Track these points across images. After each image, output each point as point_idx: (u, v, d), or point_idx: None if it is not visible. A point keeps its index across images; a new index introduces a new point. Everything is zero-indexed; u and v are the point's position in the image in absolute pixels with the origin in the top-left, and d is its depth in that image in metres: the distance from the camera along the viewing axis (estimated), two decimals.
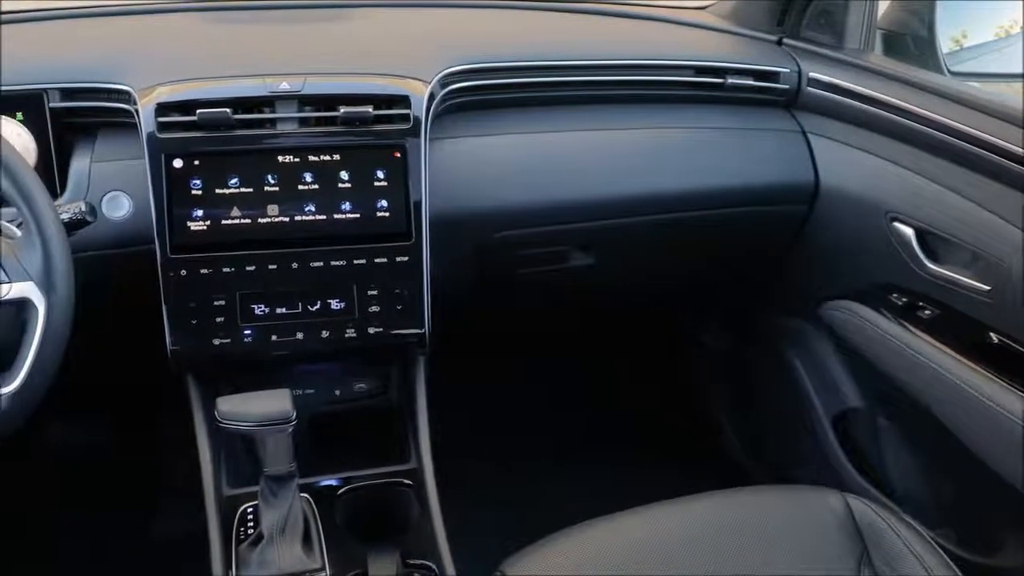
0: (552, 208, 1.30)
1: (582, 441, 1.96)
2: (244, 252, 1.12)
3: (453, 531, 1.18)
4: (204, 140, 1.10)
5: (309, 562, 1.04)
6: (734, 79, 1.40)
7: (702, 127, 1.40)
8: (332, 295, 1.15)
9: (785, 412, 1.74)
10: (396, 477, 1.22)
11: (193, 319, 1.12)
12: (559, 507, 1.37)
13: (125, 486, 1.76)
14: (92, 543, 1.68)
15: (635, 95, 1.39)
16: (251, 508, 1.13)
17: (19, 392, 0.88)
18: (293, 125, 1.13)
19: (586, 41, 1.43)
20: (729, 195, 1.40)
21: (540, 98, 1.33)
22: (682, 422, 2.04)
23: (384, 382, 1.33)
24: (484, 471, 1.71)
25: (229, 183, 1.11)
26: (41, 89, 1.12)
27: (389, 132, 1.15)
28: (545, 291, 1.50)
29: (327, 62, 1.22)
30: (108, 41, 1.28)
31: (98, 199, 1.13)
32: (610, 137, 1.34)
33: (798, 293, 1.60)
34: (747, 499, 1.15)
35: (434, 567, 1.11)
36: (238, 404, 1.00)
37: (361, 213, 1.14)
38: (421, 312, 1.17)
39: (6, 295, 0.88)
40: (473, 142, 1.27)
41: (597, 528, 1.09)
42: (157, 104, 1.10)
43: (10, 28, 1.30)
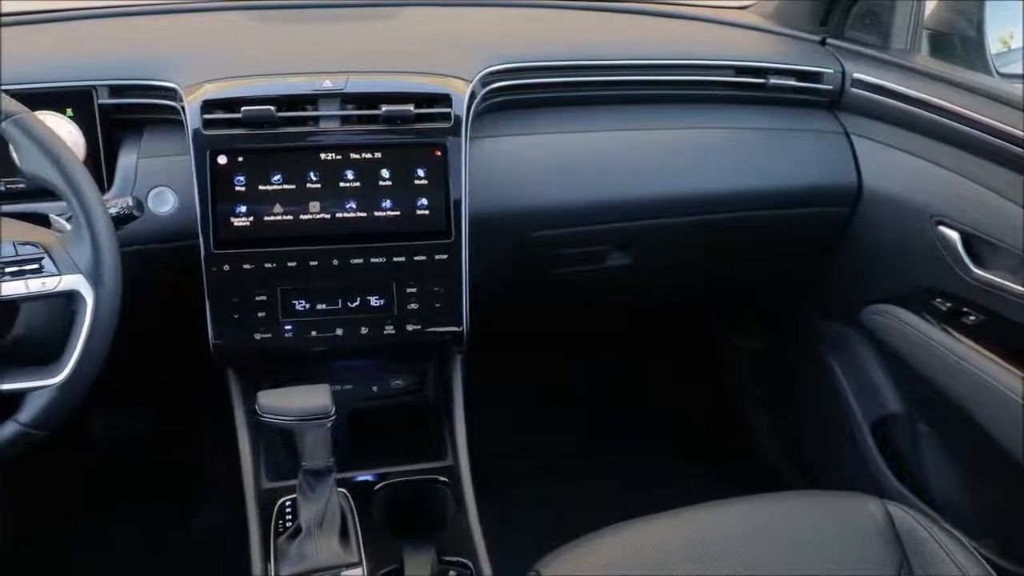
0: (590, 208, 1.30)
1: (616, 441, 1.96)
2: (286, 248, 1.13)
3: (487, 529, 1.18)
4: (248, 137, 1.12)
5: (346, 556, 1.05)
6: (776, 79, 1.38)
7: (743, 127, 1.39)
8: (371, 292, 1.16)
9: (822, 416, 1.72)
10: (432, 474, 1.23)
11: (235, 314, 1.13)
12: (593, 507, 1.37)
13: (166, 479, 1.79)
14: (134, 534, 1.71)
15: (675, 95, 1.38)
16: (289, 501, 1.14)
17: (67, 383, 0.90)
18: (335, 123, 1.14)
19: (626, 40, 1.43)
20: (769, 196, 1.39)
21: (580, 98, 1.33)
22: (716, 424, 2.03)
23: (421, 379, 1.34)
24: (519, 470, 1.71)
25: (272, 180, 1.12)
26: (90, 86, 1.15)
27: (430, 131, 1.15)
28: (581, 291, 1.50)
29: (369, 60, 1.23)
30: (155, 39, 1.30)
31: (144, 194, 1.15)
32: (650, 137, 1.34)
33: (838, 296, 1.58)
34: (785, 504, 1.14)
35: (470, 565, 1.11)
36: (278, 398, 1.01)
37: (401, 211, 1.15)
38: (459, 310, 1.18)
39: (56, 287, 0.90)
40: (513, 141, 1.28)
41: (632, 529, 1.08)
42: (203, 101, 1.11)
43: (58, 26, 1.33)
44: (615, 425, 2.00)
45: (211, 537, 1.68)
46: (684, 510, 1.10)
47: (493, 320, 1.24)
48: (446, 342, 1.21)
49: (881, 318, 1.46)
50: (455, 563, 1.12)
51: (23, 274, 0.90)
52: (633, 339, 2.02)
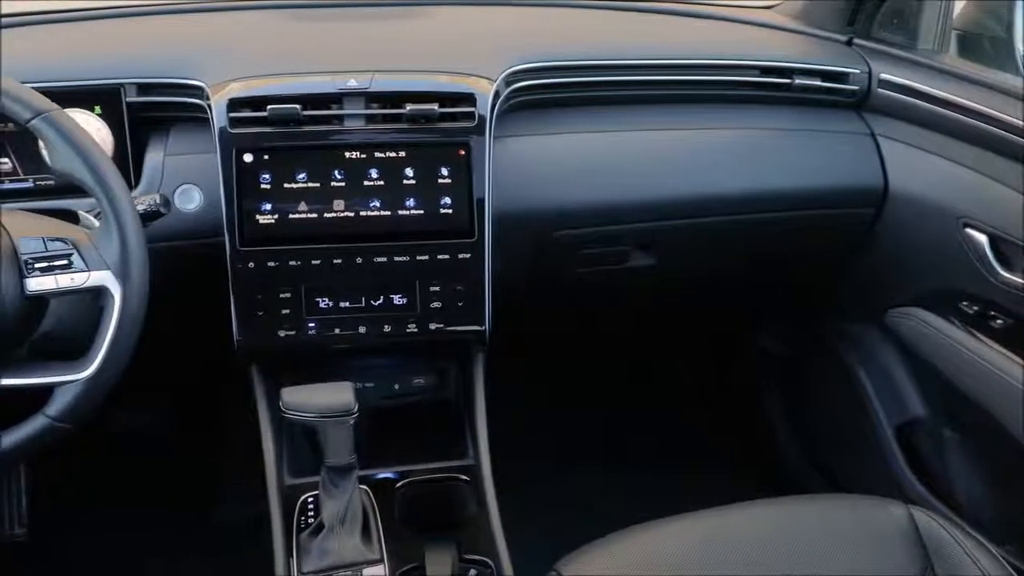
0: (613, 208, 1.30)
1: (636, 442, 1.95)
2: (310, 246, 1.14)
3: (508, 528, 1.18)
4: (274, 135, 1.13)
5: (368, 553, 1.06)
6: (801, 79, 1.38)
7: (767, 128, 1.38)
8: (395, 290, 1.16)
9: (845, 420, 1.70)
10: (453, 472, 1.23)
11: (259, 311, 1.14)
12: (613, 508, 1.36)
13: (187, 474, 1.81)
14: (155, 529, 1.72)
15: (699, 95, 1.37)
16: (312, 498, 1.15)
17: (94, 377, 0.91)
18: (360, 122, 1.15)
19: (651, 40, 1.42)
20: (794, 197, 1.38)
21: (604, 97, 1.33)
22: (737, 426, 2.02)
23: (443, 378, 1.34)
24: (538, 470, 1.71)
25: (297, 178, 1.13)
26: (118, 84, 1.16)
27: (454, 130, 1.16)
28: (604, 291, 1.50)
29: (394, 59, 1.23)
30: (182, 38, 1.31)
31: (171, 192, 1.16)
32: (673, 137, 1.33)
33: (863, 299, 1.56)
34: (807, 507, 1.13)
35: (490, 563, 1.11)
36: (302, 395, 1.02)
37: (425, 210, 1.15)
38: (482, 309, 1.18)
39: (84, 283, 0.91)
40: (536, 141, 1.28)
41: (652, 531, 1.08)
42: (229, 100, 1.12)
43: (87, 25, 1.34)
44: (635, 426, 1.99)
45: (232, 532, 1.70)
46: (704, 512, 1.10)
47: (514, 319, 1.24)
48: (468, 341, 1.21)
49: (906, 321, 1.45)
50: (476, 561, 1.12)
51: (52, 270, 0.91)
52: (654, 340, 2.02)
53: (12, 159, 1.14)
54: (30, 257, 0.91)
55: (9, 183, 1.15)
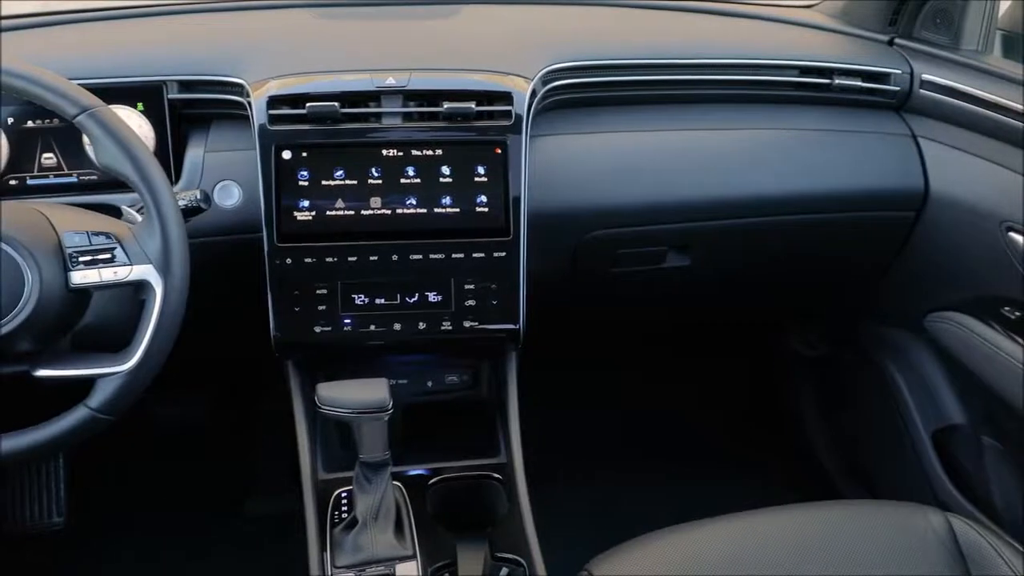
0: (649, 208, 1.29)
1: (668, 443, 1.94)
2: (347, 243, 1.15)
3: (538, 527, 1.18)
4: (312, 133, 1.13)
5: (401, 549, 1.06)
6: (841, 80, 1.36)
7: (806, 129, 1.37)
8: (430, 288, 1.17)
9: (880, 425, 1.68)
10: (486, 470, 1.23)
11: (296, 307, 1.15)
12: (645, 509, 1.36)
13: (220, 466, 1.83)
14: (188, 521, 1.75)
15: (737, 95, 1.36)
16: (345, 493, 1.16)
17: (135, 369, 0.92)
18: (397, 120, 1.15)
19: (689, 39, 1.41)
20: (833, 199, 1.37)
21: (641, 96, 1.32)
22: (771, 429, 2.00)
23: (476, 376, 1.34)
24: (571, 469, 1.71)
25: (335, 175, 1.14)
26: (161, 81, 1.17)
27: (491, 128, 1.16)
28: (638, 291, 1.49)
29: (431, 58, 1.23)
30: (223, 36, 1.32)
31: (210, 187, 1.17)
32: (711, 137, 1.32)
33: (901, 302, 1.54)
34: (843, 512, 1.12)
35: (523, 562, 1.11)
36: (338, 391, 1.03)
37: (461, 208, 1.16)
38: (516, 308, 1.18)
39: (127, 277, 0.93)
40: (572, 140, 1.27)
41: (684, 533, 1.07)
42: (269, 97, 1.13)
43: (130, 23, 1.36)
44: (666, 427, 1.98)
45: (262, 526, 1.71)
46: (737, 515, 1.09)
47: (548, 318, 1.24)
48: (502, 340, 1.21)
49: (945, 325, 1.43)
50: (508, 560, 1.12)
51: (96, 263, 0.92)
52: (687, 340, 2.00)
53: (56, 154, 1.16)
54: (74, 251, 0.92)
55: (53, 178, 1.17)
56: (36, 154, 1.16)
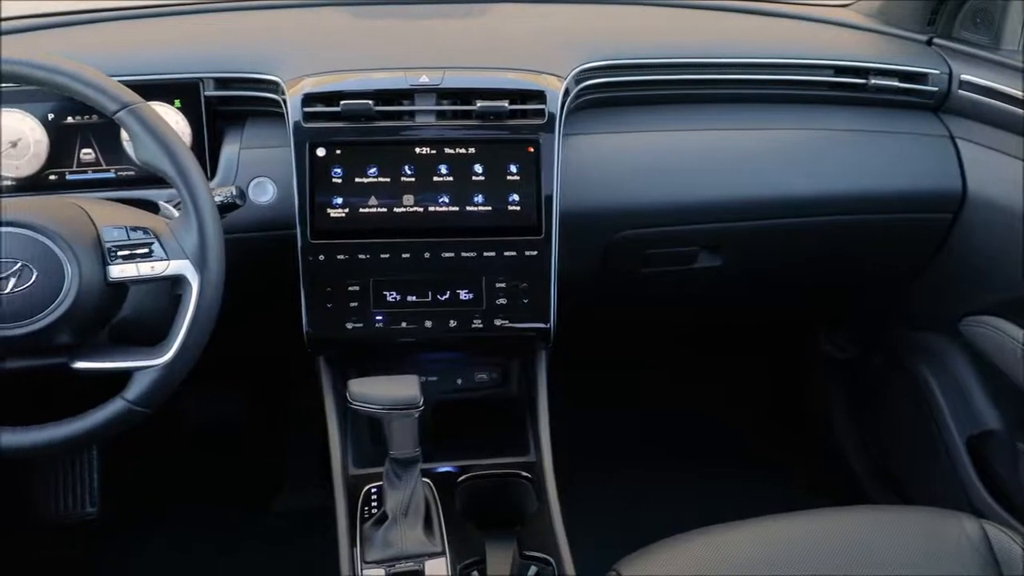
0: (682, 208, 1.28)
1: (696, 445, 1.93)
2: (379, 240, 1.15)
3: (567, 526, 1.18)
4: (346, 130, 1.14)
5: (430, 545, 1.06)
6: (877, 80, 1.35)
7: (841, 129, 1.35)
8: (461, 286, 1.17)
9: (912, 429, 1.66)
10: (514, 469, 1.23)
11: (328, 303, 1.16)
12: (673, 510, 1.35)
13: (251, 461, 1.84)
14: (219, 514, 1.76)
15: (772, 95, 1.35)
16: (375, 488, 1.16)
17: (172, 363, 0.93)
18: (431, 118, 1.16)
19: (722, 38, 1.40)
20: (868, 201, 1.35)
21: (674, 96, 1.32)
22: (799, 431, 1.98)
23: (505, 374, 1.35)
24: (599, 468, 1.71)
25: (368, 172, 1.15)
26: (198, 78, 1.18)
27: (523, 127, 1.16)
28: (668, 291, 1.48)
29: (465, 56, 1.24)
30: (258, 34, 1.34)
31: (245, 184, 1.18)
32: (745, 137, 1.31)
33: (936, 305, 1.52)
34: (874, 517, 1.10)
35: (551, 561, 1.11)
36: (369, 387, 1.03)
37: (493, 206, 1.16)
38: (547, 307, 1.18)
39: (164, 271, 0.94)
40: (605, 139, 1.27)
41: (714, 535, 1.07)
42: (304, 95, 1.14)
43: (166, 20, 1.38)
44: (695, 428, 1.97)
45: (293, 519, 1.73)
46: (766, 519, 1.08)
47: (577, 317, 1.24)
48: (532, 338, 1.21)
49: (981, 329, 1.41)
50: (537, 559, 1.12)
51: (134, 258, 0.94)
52: (715, 341, 1.99)
53: (95, 150, 1.18)
54: (113, 245, 0.94)
55: (92, 173, 1.18)
56: (75, 149, 1.18)
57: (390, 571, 1.04)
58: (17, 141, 1.15)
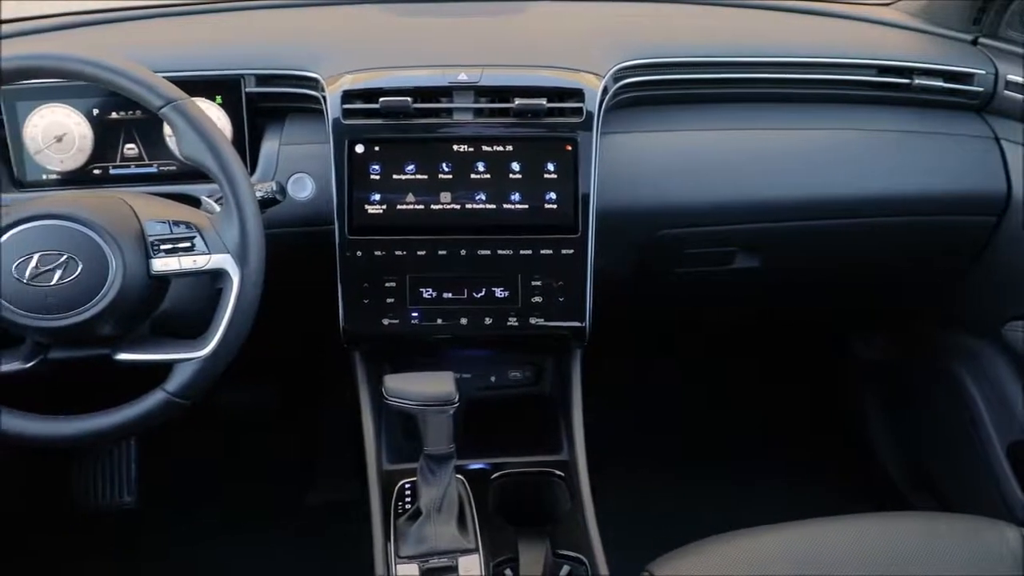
0: (721, 208, 1.27)
1: (729, 446, 1.92)
2: (416, 237, 1.16)
3: (600, 526, 1.17)
4: (384, 127, 1.15)
5: (464, 542, 1.07)
6: (921, 80, 1.32)
7: (883, 130, 1.34)
8: (497, 283, 1.17)
9: (951, 434, 1.64)
10: (548, 467, 1.23)
11: (365, 299, 1.17)
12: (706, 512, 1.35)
13: (284, 454, 1.86)
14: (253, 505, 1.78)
15: (813, 94, 1.33)
16: (408, 484, 1.17)
17: (212, 356, 0.95)
18: (469, 115, 1.16)
19: (763, 37, 1.39)
20: (908, 203, 1.33)
21: (713, 95, 1.31)
22: (834, 434, 1.96)
23: (539, 372, 1.35)
24: (631, 468, 1.70)
25: (406, 169, 1.15)
26: (239, 75, 1.20)
27: (561, 125, 1.16)
28: (705, 291, 1.47)
29: (503, 54, 1.24)
30: (298, 31, 1.35)
31: (284, 180, 1.19)
32: (785, 137, 1.30)
33: (977, 309, 1.50)
34: (912, 524, 1.09)
35: (584, 560, 1.11)
36: (405, 383, 1.04)
37: (530, 204, 1.16)
38: (583, 305, 1.18)
39: (206, 265, 0.95)
40: (642, 137, 1.26)
41: (748, 538, 1.06)
42: (343, 92, 1.15)
43: (208, 17, 1.39)
44: (728, 429, 1.96)
45: (325, 513, 1.74)
46: (802, 523, 1.07)
47: (612, 316, 1.23)
48: (567, 337, 1.21)
49: None
50: (570, 558, 1.12)
51: (176, 252, 0.95)
52: (750, 341, 1.97)
53: (138, 145, 1.20)
54: (156, 239, 0.95)
55: (135, 167, 1.20)
56: (119, 144, 1.19)
57: (423, 567, 1.05)
58: (63, 136, 1.17)
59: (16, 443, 0.96)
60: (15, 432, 0.95)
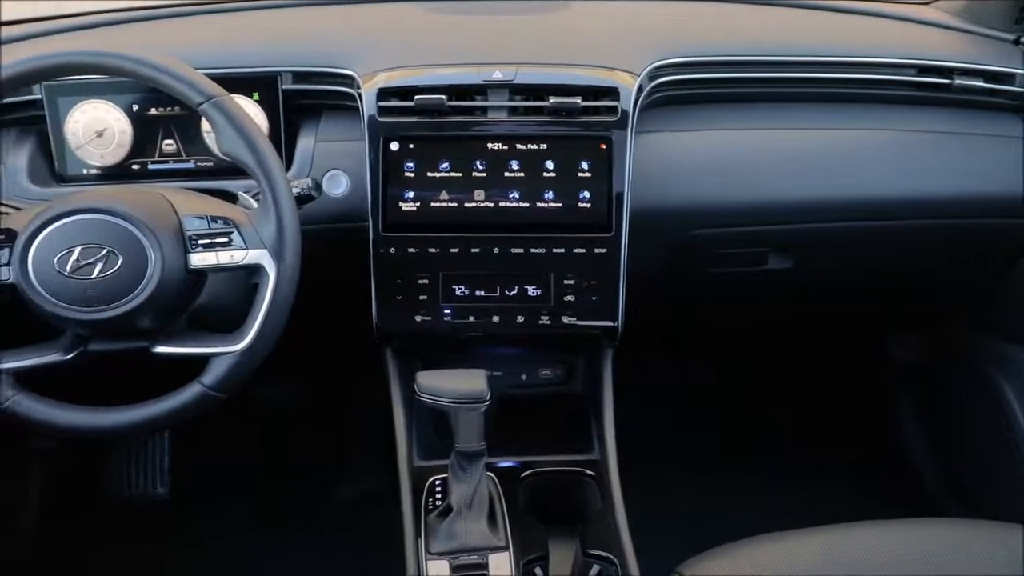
0: (755, 208, 1.26)
1: (760, 448, 1.90)
2: (449, 234, 1.16)
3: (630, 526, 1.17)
4: (419, 125, 1.15)
5: (494, 539, 1.07)
6: (962, 80, 1.30)
7: (919, 130, 1.32)
8: (529, 282, 1.17)
9: (985, 440, 1.61)
10: (578, 466, 1.23)
11: (398, 295, 1.17)
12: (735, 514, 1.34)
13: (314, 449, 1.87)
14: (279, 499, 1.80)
15: (849, 94, 1.32)
16: (439, 480, 1.17)
17: (248, 350, 0.96)
18: (503, 113, 1.16)
19: (800, 36, 1.37)
20: (945, 205, 1.31)
21: (749, 94, 1.30)
22: (867, 437, 1.94)
23: (570, 371, 1.34)
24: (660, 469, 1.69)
25: (440, 167, 1.16)
26: (276, 72, 1.21)
27: (596, 124, 1.16)
28: (737, 291, 1.46)
29: (538, 52, 1.23)
30: (334, 29, 1.35)
31: (320, 176, 1.20)
32: (822, 137, 1.29)
33: (1017, 313, 1.47)
34: (945, 531, 1.07)
35: (615, 560, 1.11)
36: (437, 380, 1.04)
37: (563, 203, 1.16)
38: (615, 305, 1.18)
39: (243, 260, 0.96)
40: (677, 137, 1.26)
41: (779, 542, 1.05)
42: (378, 89, 1.15)
43: (245, 15, 1.41)
44: (758, 431, 1.94)
45: (355, 508, 1.75)
46: (834, 528, 1.06)
47: (643, 316, 1.23)
48: (598, 336, 1.21)
49: None
50: (600, 557, 1.11)
51: (214, 247, 0.96)
52: (781, 342, 1.96)
53: (176, 140, 1.21)
54: (194, 234, 0.96)
55: (173, 163, 1.22)
56: (158, 140, 1.21)
57: (454, 563, 1.05)
58: (103, 131, 1.19)
59: (56, 434, 0.98)
60: (55, 422, 0.97)
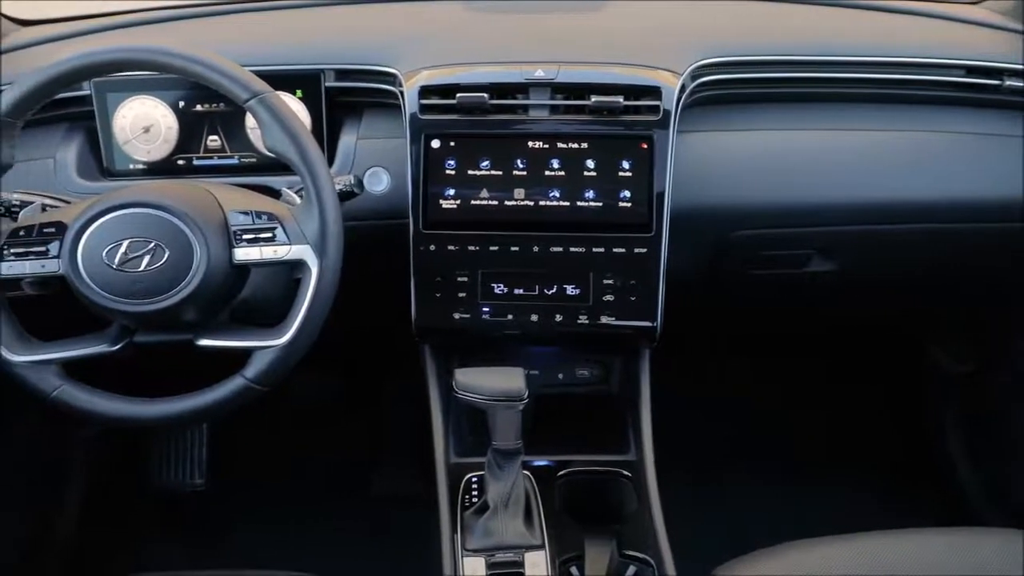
0: (798, 210, 1.25)
1: (800, 452, 1.88)
2: (489, 232, 1.16)
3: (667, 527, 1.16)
4: (461, 123, 1.16)
5: (530, 538, 1.07)
6: (1012, 81, 1.28)
7: (969, 132, 1.29)
8: (568, 281, 1.17)
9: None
10: (615, 466, 1.23)
11: (437, 292, 1.18)
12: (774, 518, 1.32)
13: (350, 443, 1.89)
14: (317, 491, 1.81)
15: (896, 95, 1.30)
16: (475, 478, 1.17)
17: (290, 344, 0.97)
18: (544, 112, 1.16)
19: (845, 36, 1.35)
20: (992, 208, 1.29)
21: (791, 94, 1.28)
22: (909, 444, 1.91)
23: (607, 371, 1.34)
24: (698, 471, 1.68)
25: (480, 165, 1.16)
26: (319, 69, 1.22)
27: (637, 123, 1.15)
28: (776, 294, 1.45)
29: (580, 51, 1.23)
30: (376, 27, 1.36)
31: (361, 173, 1.21)
32: (868, 138, 1.27)
33: None
34: (993, 541, 1.06)
35: (651, 562, 1.10)
36: (475, 377, 1.04)
37: (604, 202, 1.15)
38: (654, 305, 1.17)
39: (286, 255, 0.97)
40: (719, 137, 1.25)
41: (818, 547, 1.04)
42: (420, 87, 1.16)
43: (288, 13, 1.42)
44: (798, 432, 1.92)
45: (390, 504, 1.76)
46: (872, 535, 1.05)
47: (681, 316, 1.22)
48: (637, 336, 1.20)
49: None
50: (636, 559, 1.11)
51: (258, 242, 0.97)
52: (823, 344, 1.93)
53: (221, 137, 1.23)
54: (239, 229, 0.98)
55: (217, 159, 1.23)
56: (202, 136, 1.23)
57: (490, 560, 1.05)
58: (150, 127, 1.21)
59: (101, 423, 0.99)
60: (101, 412, 0.98)
